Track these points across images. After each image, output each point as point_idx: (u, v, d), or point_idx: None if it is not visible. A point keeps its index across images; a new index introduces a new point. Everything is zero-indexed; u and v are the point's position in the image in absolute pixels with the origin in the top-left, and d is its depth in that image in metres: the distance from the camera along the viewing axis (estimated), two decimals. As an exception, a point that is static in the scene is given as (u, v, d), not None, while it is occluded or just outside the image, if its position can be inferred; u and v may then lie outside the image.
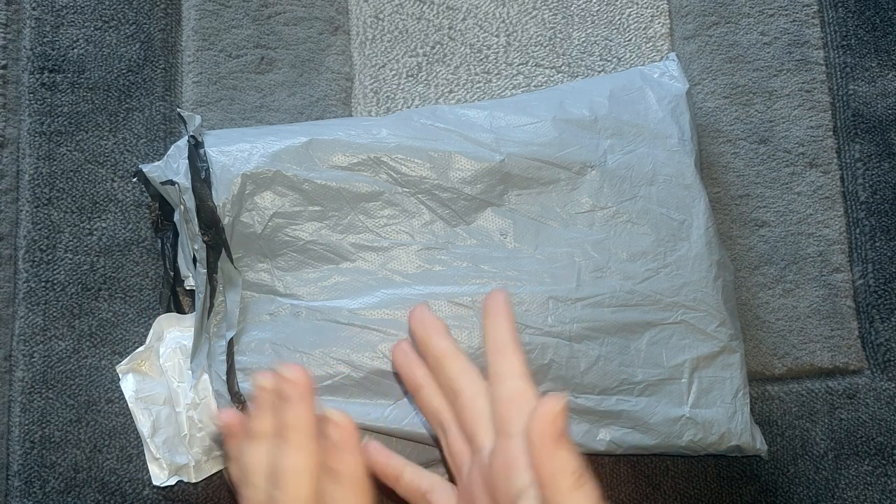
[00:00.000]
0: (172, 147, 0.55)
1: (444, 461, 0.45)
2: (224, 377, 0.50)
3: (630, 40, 0.68)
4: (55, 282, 0.61)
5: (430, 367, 0.43)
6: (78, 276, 0.62)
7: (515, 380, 0.39)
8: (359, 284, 0.52)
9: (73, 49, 0.65)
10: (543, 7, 0.68)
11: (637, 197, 0.55)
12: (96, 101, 0.65)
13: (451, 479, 0.44)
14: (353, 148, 0.53)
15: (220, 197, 0.51)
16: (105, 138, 0.64)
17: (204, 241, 0.51)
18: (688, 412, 0.53)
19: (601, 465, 0.61)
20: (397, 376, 0.48)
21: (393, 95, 0.66)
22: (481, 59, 0.67)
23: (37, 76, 0.64)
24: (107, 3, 0.66)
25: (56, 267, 0.62)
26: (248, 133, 0.55)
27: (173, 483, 0.54)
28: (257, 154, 0.52)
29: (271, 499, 0.36)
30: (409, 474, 0.44)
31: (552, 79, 0.67)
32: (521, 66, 0.67)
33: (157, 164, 0.54)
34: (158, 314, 0.57)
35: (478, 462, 0.40)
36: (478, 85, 0.66)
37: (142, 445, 0.57)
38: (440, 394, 0.43)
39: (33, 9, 0.66)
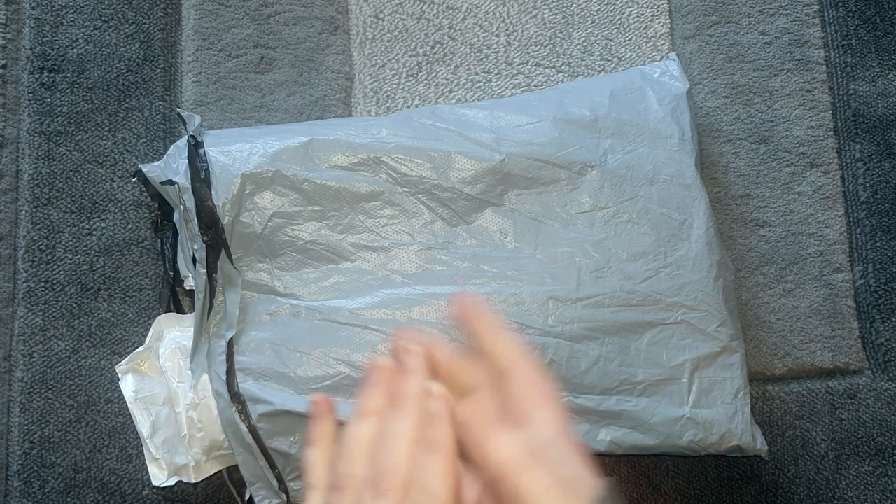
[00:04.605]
0: (172, 147, 0.55)
1: None
2: (224, 377, 0.50)
3: (630, 40, 0.68)
4: (55, 282, 0.61)
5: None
6: (77, 276, 0.61)
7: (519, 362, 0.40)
8: (359, 284, 0.52)
9: (72, 49, 0.65)
10: (544, 7, 0.68)
11: (637, 197, 0.55)
12: (96, 101, 0.64)
13: None
14: (353, 148, 0.53)
15: (220, 197, 0.51)
16: (105, 138, 0.64)
17: (204, 241, 0.51)
18: (688, 412, 0.53)
19: (601, 465, 0.60)
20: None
21: (393, 95, 0.66)
22: (481, 59, 0.67)
23: (36, 76, 0.64)
24: (106, 2, 0.66)
25: (56, 267, 0.62)
26: (247, 133, 0.55)
27: (173, 483, 0.53)
28: (257, 154, 0.52)
29: (373, 470, 0.36)
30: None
31: (552, 78, 0.67)
32: (521, 66, 0.67)
33: (156, 163, 0.54)
34: (158, 314, 0.57)
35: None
36: (478, 85, 0.66)
37: (141, 445, 0.57)
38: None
39: (33, 8, 0.66)
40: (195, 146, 0.52)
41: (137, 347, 0.57)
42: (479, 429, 0.36)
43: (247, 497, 0.52)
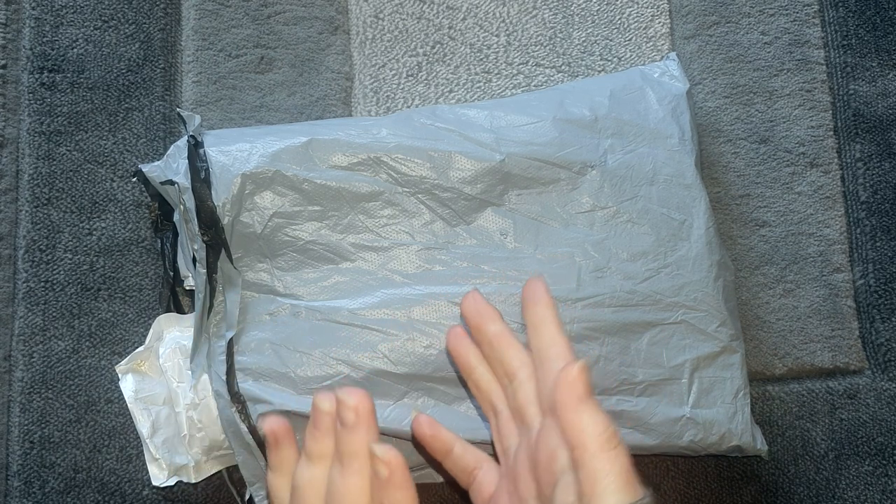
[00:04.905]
0: (172, 147, 0.55)
1: (492, 444, 0.46)
2: (224, 377, 0.50)
3: (630, 40, 0.68)
4: (55, 282, 0.61)
5: (484, 351, 0.44)
6: (77, 276, 0.61)
7: (561, 361, 0.40)
8: (359, 284, 0.52)
9: (72, 49, 0.65)
10: (543, 7, 0.68)
11: (637, 197, 0.55)
12: (96, 101, 0.65)
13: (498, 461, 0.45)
14: (352, 148, 0.53)
15: (220, 197, 0.51)
16: (105, 138, 0.64)
17: (204, 241, 0.51)
18: (688, 412, 0.53)
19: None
20: (450, 358, 0.49)
21: (393, 95, 0.66)
22: (481, 59, 0.67)
23: (36, 76, 0.64)
24: (106, 2, 0.66)
25: (55, 267, 0.62)
26: (247, 133, 0.55)
27: (173, 483, 0.54)
28: (257, 154, 0.52)
29: None
30: (458, 449, 0.45)
31: (552, 78, 0.67)
32: (521, 66, 0.67)
33: (156, 163, 0.54)
34: (158, 314, 0.57)
35: (525, 441, 0.41)
36: (478, 85, 0.66)
37: (141, 446, 0.57)
38: (493, 377, 0.44)
39: (33, 8, 0.66)
40: (195, 146, 0.52)
41: (137, 347, 0.57)
42: (572, 395, 0.36)
43: (247, 497, 0.52)
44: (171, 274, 0.58)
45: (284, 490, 0.40)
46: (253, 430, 0.49)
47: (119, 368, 0.55)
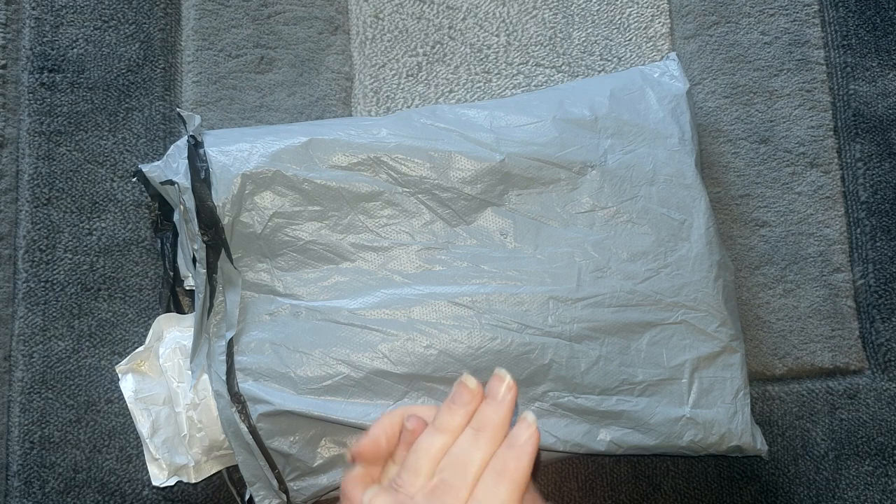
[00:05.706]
0: (172, 147, 0.55)
1: None
2: (224, 377, 0.50)
3: (630, 40, 0.68)
4: (55, 282, 0.61)
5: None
6: (77, 276, 0.61)
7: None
8: (359, 284, 0.52)
9: (72, 49, 0.65)
10: (544, 7, 0.68)
11: (637, 197, 0.55)
12: (96, 101, 0.65)
13: None
14: (352, 148, 0.53)
15: (220, 197, 0.51)
16: (105, 138, 0.64)
17: (204, 241, 0.51)
18: (688, 412, 0.53)
19: (601, 465, 0.61)
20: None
21: (393, 95, 0.66)
22: (481, 59, 0.67)
23: (36, 76, 0.64)
24: (106, 2, 0.66)
25: (56, 267, 0.62)
26: (247, 133, 0.55)
27: (173, 483, 0.53)
28: (257, 154, 0.52)
29: (435, 483, 0.37)
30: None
31: (552, 78, 0.67)
32: (521, 66, 0.67)
33: (156, 163, 0.54)
34: (158, 314, 0.57)
35: None
36: (478, 85, 0.66)
37: (141, 446, 0.57)
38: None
39: (33, 8, 0.66)
40: (195, 146, 0.52)
41: (137, 347, 0.57)
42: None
43: (247, 497, 0.52)
44: (171, 274, 0.58)
45: (365, 483, 0.41)
46: (253, 430, 0.49)
47: (119, 368, 0.55)
